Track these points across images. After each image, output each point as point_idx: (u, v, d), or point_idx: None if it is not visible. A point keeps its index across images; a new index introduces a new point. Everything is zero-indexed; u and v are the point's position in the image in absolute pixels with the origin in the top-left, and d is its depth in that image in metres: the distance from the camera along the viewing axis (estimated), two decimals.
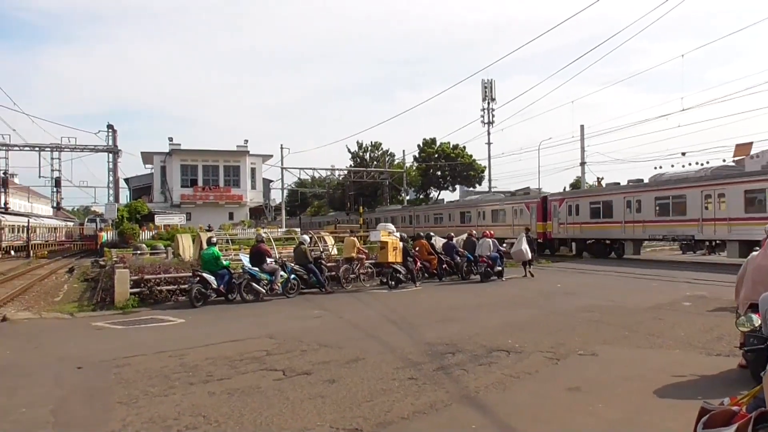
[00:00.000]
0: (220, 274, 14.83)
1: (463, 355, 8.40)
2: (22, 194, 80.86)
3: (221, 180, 56.51)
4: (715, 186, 24.71)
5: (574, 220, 32.62)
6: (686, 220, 25.77)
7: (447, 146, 67.36)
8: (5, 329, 11.84)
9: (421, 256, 19.34)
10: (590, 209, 31.67)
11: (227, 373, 7.58)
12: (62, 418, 5.88)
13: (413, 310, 13.44)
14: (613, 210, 30.00)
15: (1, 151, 49.29)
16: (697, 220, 25.21)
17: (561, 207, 33.84)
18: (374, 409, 5.98)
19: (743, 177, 24.16)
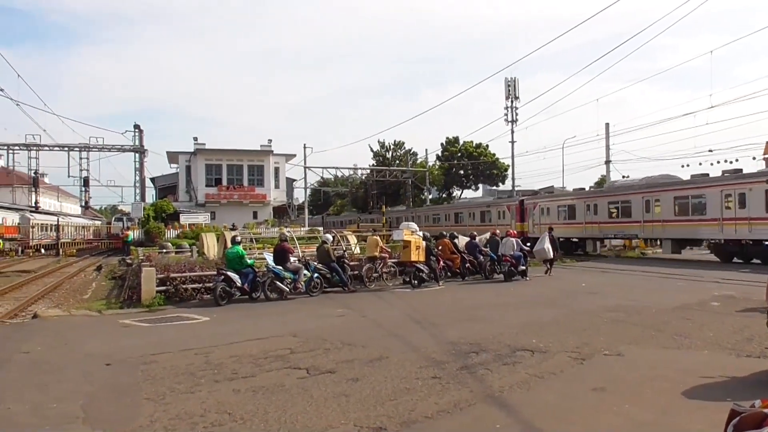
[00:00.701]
0: (245, 272, 14.95)
1: (487, 354, 8.36)
2: (51, 193, 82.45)
3: (245, 179, 56.99)
4: (653, 193, 29.08)
5: (545, 221, 35.53)
6: (632, 222, 29.76)
7: (470, 145, 67.07)
8: (36, 326, 12.10)
9: (444, 255, 19.29)
10: (558, 211, 35.75)
11: (252, 371, 7.64)
12: (92, 414, 5.99)
13: (436, 309, 13.42)
14: (576, 212, 33.97)
15: (31, 151, 50.22)
16: (639, 221, 29.29)
17: (535, 209, 37.68)
18: (398, 407, 5.98)
19: (674, 186, 28.71)
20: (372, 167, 72.40)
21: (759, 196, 23.00)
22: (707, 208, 25.85)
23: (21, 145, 49.65)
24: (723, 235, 25.07)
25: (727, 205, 24.72)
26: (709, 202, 25.76)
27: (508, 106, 56.50)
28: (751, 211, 23.29)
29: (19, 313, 14.32)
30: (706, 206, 25.97)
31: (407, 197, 69.29)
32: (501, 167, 67.16)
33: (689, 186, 27.71)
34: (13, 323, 12.76)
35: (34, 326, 12.13)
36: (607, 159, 45.97)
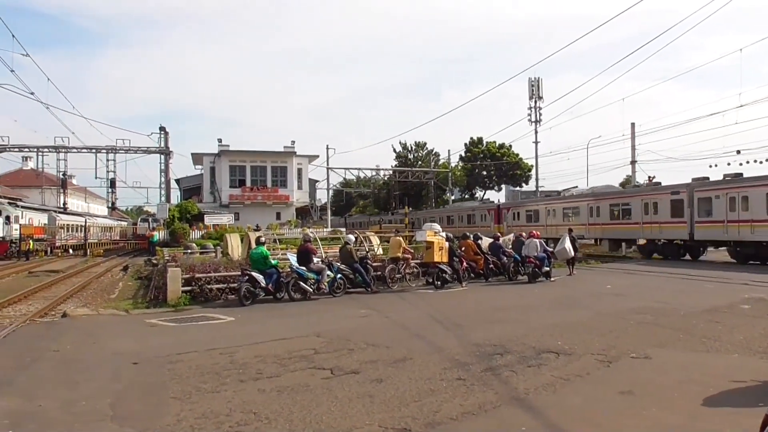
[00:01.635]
0: (269, 273, 15.05)
1: (512, 356, 8.31)
2: (79, 195, 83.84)
3: (269, 180, 57.37)
4: (596, 201, 35.41)
5: (515, 223, 41.50)
6: (580, 224, 34.83)
7: (493, 145, 66.78)
8: (66, 325, 12.31)
9: (467, 256, 19.21)
10: (525, 215, 42.27)
11: (276, 371, 7.69)
12: (120, 412, 6.07)
13: (460, 310, 13.38)
14: (539, 216, 40.32)
15: (60, 153, 51.13)
16: (585, 224, 35.24)
17: (509, 213, 44.19)
18: (423, 409, 5.97)
19: (608, 196, 35.70)
20: (394, 168, 72.43)
21: (666, 205, 29.20)
22: (632, 213, 31.71)
23: (50, 148, 50.61)
24: (643, 236, 30.88)
25: (645, 212, 30.47)
26: (633, 209, 31.59)
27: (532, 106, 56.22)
28: (661, 216, 29.47)
29: (49, 312, 14.58)
30: (631, 212, 31.83)
31: (430, 198, 69.18)
32: (524, 168, 66.75)
33: (620, 196, 35.04)
34: (43, 322, 13.00)
35: (64, 325, 12.35)
36: (633, 159, 45.40)
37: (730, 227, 25.28)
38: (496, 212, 44.98)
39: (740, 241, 25.42)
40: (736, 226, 24.96)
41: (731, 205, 25.31)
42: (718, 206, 26.14)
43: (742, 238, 24.99)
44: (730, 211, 25.38)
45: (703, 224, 26.99)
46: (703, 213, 27.06)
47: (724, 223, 25.61)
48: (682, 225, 27.96)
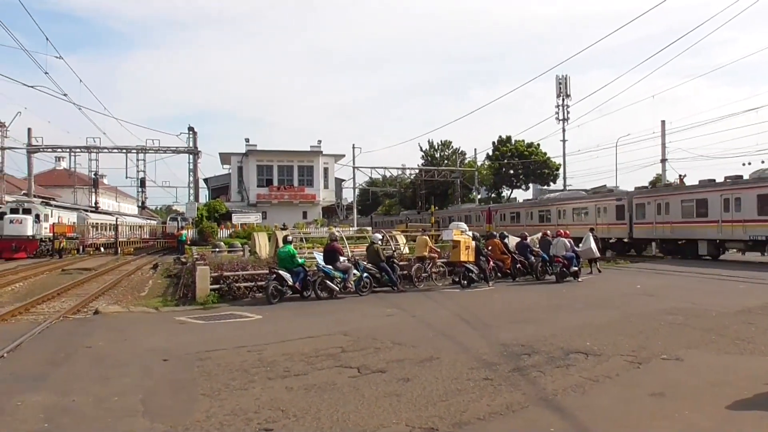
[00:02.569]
0: (296, 271, 15.15)
1: (540, 356, 8.25)
2: (110, 194, 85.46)
3: (295, 180, 57.80)
4: (563, 204, 40.45)
5: (501, 223, 45.47)
6: (551, 225, 36.23)
7: (521, 144, 66.27)
8: (98, 322, 12.55)
9: (494, 255, 19.10)
10: (509, 216, 47.10)
11: (304, 369, 7.74)
12: (151, 407, 6.17)
13: (486, 309, 13.31)
14: (521, 217, 45.39)
15: (92, 153, 52.08)
16: (555, 224, 37.16)
17: (497, 214, 48.39)
18: (450, 408, 5.96)
19: (572, 200, 40.28)
20: (420, 167, 72.34)
21: (612, 209, 34.84)
22: (588, 215, 36.95)
23: (82, 148, 51.53)
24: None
25: (597, 214, 35.98)
26: (589, 212, 37.15)
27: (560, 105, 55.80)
28: (609, 219, 34.90)
29: (82, 309, 14.88)
30: (588, 214, 37.06)
31: (456, 197, 68.94)
32: (552, 166, 66.10)
33: (580, 200, 39.70)
34: (76, 319, 13.28)
35: (96, 322, 12.59)
36: (663, 157, 44.71)
37: (657, 228, 30.89)
38: (488, 213, 49.54)
39: (664, 239, 31.07)
40: (661, 227, 30.54)
41: (658, 210, 31.09)
42: (649, 211, 31.86)
43: (664, 237, 30.74)
44: (657, 214, 31.13)
45: (639, 225, 32.49)
46: (639, 216, 32.59)
47: (653, 224, 31.21)
48: (624, 226, 33.63)
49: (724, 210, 26.94)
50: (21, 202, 41.28)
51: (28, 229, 38.24)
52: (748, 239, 25.90)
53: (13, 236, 37.56)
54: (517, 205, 50.97)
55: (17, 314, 14.05)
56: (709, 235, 27.87)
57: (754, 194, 25.60)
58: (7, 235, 37.54)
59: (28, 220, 38.49)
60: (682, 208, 29.49)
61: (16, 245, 37.48)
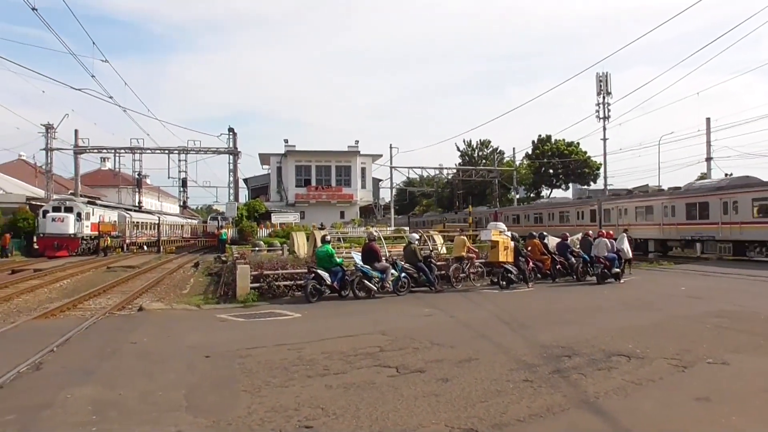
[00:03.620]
0: (334, 271, 15.24)
1: (580, 358, 8.12)
2: (153, 193, 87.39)
3: (333, 180, 58.10)
4: (551, 209, 47.06)
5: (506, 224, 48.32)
6: (542, 226, 41.06)
7: (561, 143, 65.36)
8: (142, 318, 12.86)
9: (533, 255, 18.87)
10: (511, 218, 50.92)
11: (343, 367, 7.78)
12: (194, 402, 6.29)
13: (526, 311, 13.17)
14: (520, 219, 50.42)
15: (135, 153, 53.29)
16: (545, 225, 42.46)
17: (502, 216, 51.36)
18: (489, 410, 5.92)
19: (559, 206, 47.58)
20: (458, 167, 72.01)
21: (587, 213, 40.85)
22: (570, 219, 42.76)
23: (126, 149, 52.80)
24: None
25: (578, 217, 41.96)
26: (570, 216, 43.23)
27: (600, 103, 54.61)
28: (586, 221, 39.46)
29: (126, 306, 15.27)
30: (569, 218, 43.13)
31: (494, 197, 68.41)
32: (593, 166, 65.03)
33: (565, 205, 46.65)
34: (121, 315, 13.63)
35: (140, 318, 12.90)
36: (708, 156, 43.59)
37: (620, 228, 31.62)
38: (495, 216, 52.42)
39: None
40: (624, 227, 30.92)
41: (619, 214, 37.20)
42: (614, 214, 37.75)
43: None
44: (619, 217, 36.99)
45: (606, 227, 34.43)
46: (606, 219, 38.14)
47: (616, 226, 33.89)
48: (594, 226, 35.96)
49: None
50: (63, 200, 41.30)
51: (70, 228, 38.32)
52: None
53: (55, 234, 37.70)
54: (518, 208, 57.46)
55: (65, 310, 14.50)
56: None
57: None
58: (50, 233, 37.73)
59: (69, 218, 38.54)
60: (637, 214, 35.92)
61: (57, 243, 37.57)
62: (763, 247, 26.63)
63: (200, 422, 5.67)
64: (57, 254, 36.63)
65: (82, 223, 39.79)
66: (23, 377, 7.41)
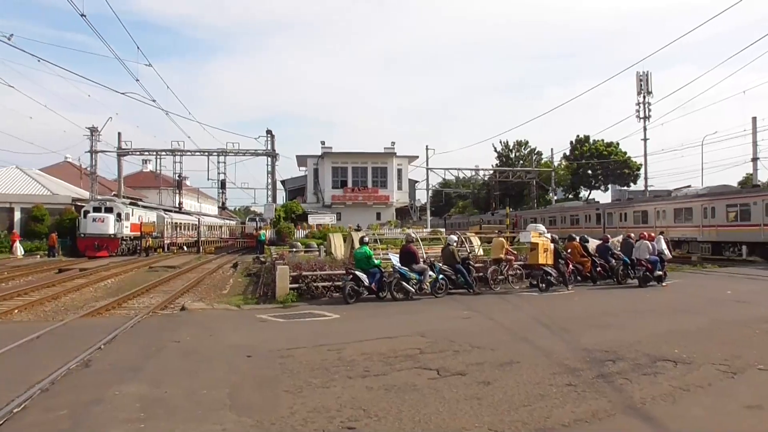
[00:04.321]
0: (372, 272, 15.26)
1: (625, 363, 7.96)
2: (192, 195, 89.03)
3: (369, 181, 58.38)
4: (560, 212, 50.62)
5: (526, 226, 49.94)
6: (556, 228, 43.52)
7: (600, 144, 64.21)
8: (185, 317, 13.10)
9: (573, 258, 18.58)
10: (529, 220, 50.60)
11: (383, 369, 7.79)
12: (237, 402, 6.38)
13: (566, 313, 12.97)
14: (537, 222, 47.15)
15: (176, 156, 54.34)
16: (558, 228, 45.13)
17: (521, 219, 54.90)
18: (533, 414, 5.85)
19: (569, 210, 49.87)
20: (495, 168, 71.47)
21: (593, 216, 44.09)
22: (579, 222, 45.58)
23: (167, 151, 53.87)
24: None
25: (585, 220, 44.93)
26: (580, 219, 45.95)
27: (640, 102, 53.59)
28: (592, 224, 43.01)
29: (168, 305, 15.58)
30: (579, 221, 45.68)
31: (531, 198, 67.68)
32: (633, 166, 63.71)
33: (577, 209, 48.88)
34: (164, 314, 13.91)
35: (182, 318, 13.14)
36: (755, 156, 42.38)
37: (620, 230, 33.44)
38: (516, 219, 56.01)
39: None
40: (624, 230, 32.63)
41: (620, 218, 40.30)
42: (615, 218, 40.82)
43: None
44: (620, 221, 39.89)
45: (609, 229, 38.07)
46: (609, 222, 41.24)
47: (617, 228, 36.79)
48: (599, 229, 39.98)
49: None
50: (103, 200, 41.93)
51: (110, 228, 38.64)
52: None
53: (95, 235, 38.04)
54: (536, 211, 59.07)
55: (111, 309, 14.88)
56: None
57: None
58: (90, 233, 38.05)
59: (110, 218, 38.89)
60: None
61: (98, 244, 37.90)
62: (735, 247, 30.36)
63: (244, 421, 5.74)
64: (97, 254, 37.11)
65: (122, 224, 40.17)
66: (74, 374, 7.63)
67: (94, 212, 39.11)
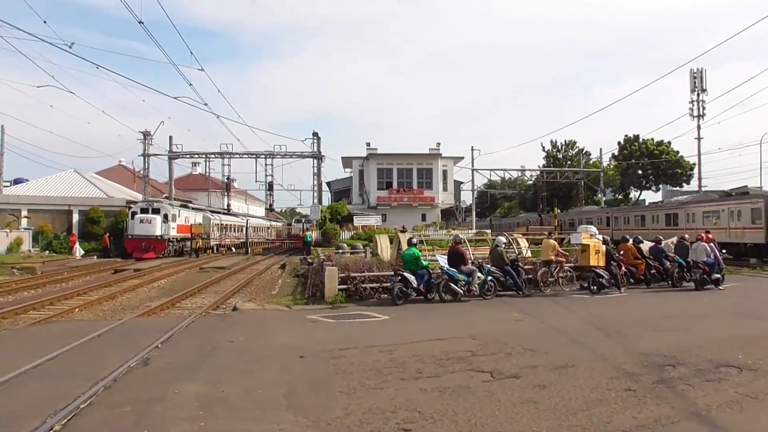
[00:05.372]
0: (420, 273, 15.22)
1: (685, 368, 7.72)
2: (240, 197, 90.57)
3: (414, 182, 58.33)
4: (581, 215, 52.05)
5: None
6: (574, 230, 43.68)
7: (651, 143, 62.51)
8: (237, 318, 13.33)
9: (626, 260, 18.12)
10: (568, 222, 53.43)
11: (435, 371, 7.74)
12: (293, 402, 6.43)
13: (620, 317, 12.67)
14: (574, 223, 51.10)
15: (225, 158, 55.43)
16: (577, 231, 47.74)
17: (546, 222, 56.19)
18: (592, 419, 5.72)
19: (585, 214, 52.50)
20: (542, 168, 70.47)
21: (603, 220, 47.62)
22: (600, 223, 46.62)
23: (216, 154, 55.06)
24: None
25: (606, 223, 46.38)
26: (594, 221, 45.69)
27: (694, 100, 52.06)
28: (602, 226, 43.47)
29: (220, 305, 15.89)
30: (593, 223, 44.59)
31: (579, 199, 66.43)
32: (686, 166, 61.82)
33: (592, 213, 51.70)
34: (216, 314, 14.19)
35: (234, 318, 13.36)
36: None
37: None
38: (540, 221, 57.83)
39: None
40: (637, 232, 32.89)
41: (626, 221, 43.76)
42: (622, 221, 44.63)
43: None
44: (624, 223, 43.31)
45: (617, 231, 40.88)
46: (618, 225, 44.67)
47: (621, 230, 39.60)
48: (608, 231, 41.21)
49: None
50: (150, 201, 42.19)
51: (157, 229, 38.55)
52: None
53: (142, 236, 38.03)
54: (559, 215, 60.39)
55: (165, 308, 15.28)
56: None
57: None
58: (138, 234, 38.10)
59: (156, 219, 38.78)
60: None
61: (145, 245, 37.82)
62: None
63: (301, 421, 5.79)
64: (144, 256, 37.09)
65: (169, 225, 40.07)
66: (134, 372, 7.84)
67: (141, 213, 39.18)
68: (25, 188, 49.94)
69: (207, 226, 49.27)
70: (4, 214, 39.82)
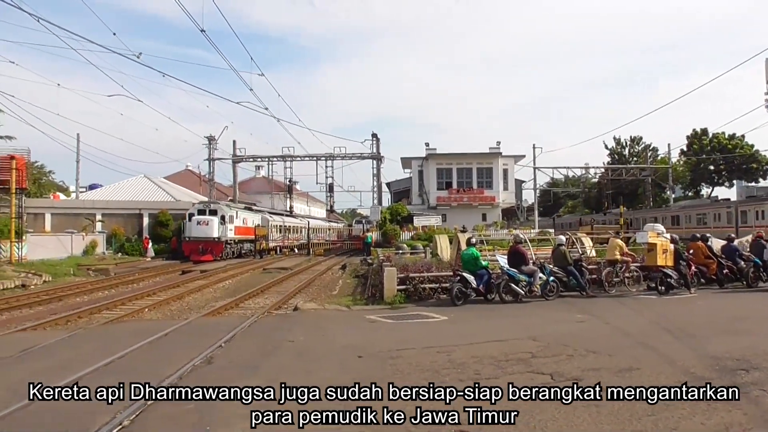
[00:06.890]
0: (479, 274, 15.06)
1: (760, 373, 7.33)
2: (302, 199, 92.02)
3: (474, 182, 57.86)
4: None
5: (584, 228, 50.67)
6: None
7: (722, 137, 59.79)
8: (298, 317, 13.57)
9: (696, 259, 17.40)
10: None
11: (494, 372, 7.65)
12: None
13: (690, 318, 12.19)
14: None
15: (287, 161, 56.52)
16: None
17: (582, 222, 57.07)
18: (657, 424, 5.52)
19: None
20: (606, 165, 68.54)
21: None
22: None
23: (278, 157, 56.20)
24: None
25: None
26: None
27: None
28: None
29: (282, 306, 16.18)
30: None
31: (647, 197, 64.28)
32: (762, 161, 58.84)
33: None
34: (278, 314, 14.47)
35: (295, 317, 13.60)
36: None
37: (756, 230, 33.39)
38: (579, 222, 57.82)
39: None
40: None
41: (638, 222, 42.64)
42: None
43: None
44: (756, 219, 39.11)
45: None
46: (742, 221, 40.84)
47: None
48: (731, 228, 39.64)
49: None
50: (207, 203, 41.88)
51: (214, 231, 37.89)
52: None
53: (200, 238, 37.53)
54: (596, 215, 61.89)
55: (229, 309, 15.68)
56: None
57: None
58: (195, 236, 37.66)
59: (214, 221, 38.10)
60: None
61: (203, 248, 37.28)
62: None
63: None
64: (201, 258, 36.40)
65: (226, 227, 39.19)
66: (198, 370, 8.09)
67: (198, 215, 38.69)
68: (99, 193, 52.37)
69: (265, 227, 49.47)
70: (81, 218, 41.76)
